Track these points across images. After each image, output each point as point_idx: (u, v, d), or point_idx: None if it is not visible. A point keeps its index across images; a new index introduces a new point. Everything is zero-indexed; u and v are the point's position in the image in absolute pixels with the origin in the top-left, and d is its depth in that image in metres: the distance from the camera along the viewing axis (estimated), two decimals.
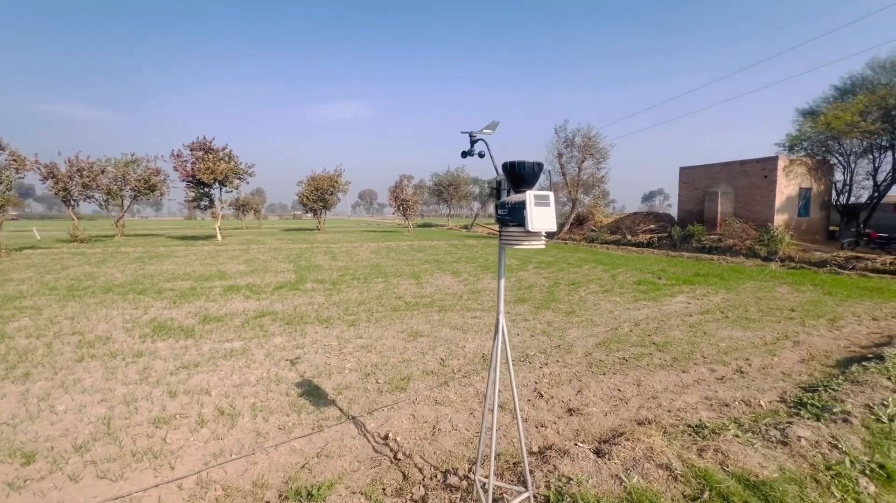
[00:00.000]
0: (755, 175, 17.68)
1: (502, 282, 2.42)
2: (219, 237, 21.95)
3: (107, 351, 4.80)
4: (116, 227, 23.73)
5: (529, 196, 2.06)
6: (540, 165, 2.15)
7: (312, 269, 10.67)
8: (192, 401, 3.78)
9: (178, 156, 20.51)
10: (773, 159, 17.19)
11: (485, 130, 2.49)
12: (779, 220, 16.97)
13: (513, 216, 2.13)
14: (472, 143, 2.51)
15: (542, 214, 2.07)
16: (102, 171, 20.63)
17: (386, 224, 64.14)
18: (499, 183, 2.31)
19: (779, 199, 17.08)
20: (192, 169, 20.02)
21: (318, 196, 33.02)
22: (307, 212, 37.21)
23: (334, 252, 15.52)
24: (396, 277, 9.45)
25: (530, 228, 2.05)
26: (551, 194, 2.11)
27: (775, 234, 14.35)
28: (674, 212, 22.74)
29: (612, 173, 51.93)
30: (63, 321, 5.84)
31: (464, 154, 2.51)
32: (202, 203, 21.81)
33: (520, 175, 2.16)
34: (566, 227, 24.47)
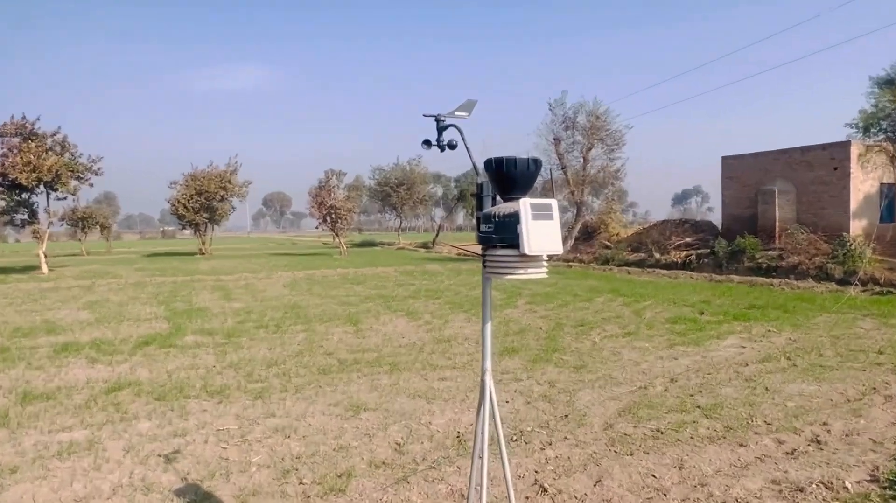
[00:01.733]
0: (821, 166, 18.84)
1: (488, 327, 2.49)
2: (44, 269, 20.89)
3: None
4: None
5: (525, 205, 2.15)
6: (537, 163, 2.25)
7: (195, 315, 10.35)
8: None
9: None
10: (845, 145, 18.24)
11: (457, 113, 2.60)
12: (856, 227, 17.98)
13: (501, 234, 2.21)
14: (440, 129, 2.61)
15: (543, 231, 2.16)
16: None
17: (306, 243, 63.39)
18: (480, 187, 2.40)
19: (854, 200, 18.19)
20: (2, 164, 19.09)
21: (202, 203, 32.29)
22: (185, 227, 36.36)
23: (228, 287, 15.17)
24: (324, 323, 9.35)
25: (527, 251, 2.13)
26: (554, 202, 2.22)
27: (853, 247, 15.04)
28: (716, 218, 23.96)
29: (631, 166, 54.27)
30: None
31: (427, 143, 2.60)
32: (17, 216, 20.74)
33: (510, 177, 2.25)
34: (569, 243, 25.21)
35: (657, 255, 19.83)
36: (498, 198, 2.38)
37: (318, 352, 7.34)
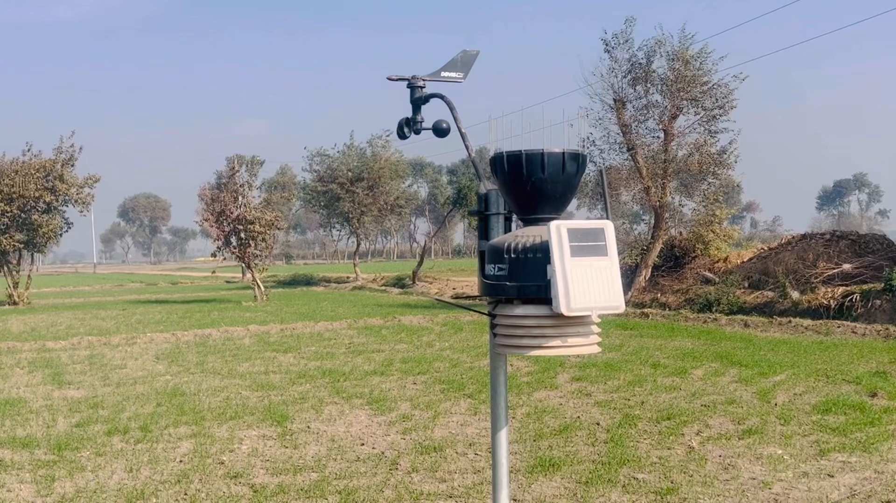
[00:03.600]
0: None
1: (504, 432, 2.51)
2: None
3: None
4: None
5: (559, 232, 2.19)
6: (579, 160, 2.30)
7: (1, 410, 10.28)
8: None
9: None
10: None
11: (446, 74, 2.66)
12: None
13: (520, 280, 2.24)
14: (418, 101, 2.66)
15: (591, 275, 2.20)
16: None
17: (196, 280, 63.11)
18: (484, 201, 2.45)
19: None
20: None
21: (13, 216, 32.15)
22: None
23: (59, 362, 15.08)
24: (227, 422, 9.30)
25: (564, 309, 2.17)
26: (609, 227, 2.26)
27: None
28: (891, 228, 24.12)
29: (747, 143, 54.63)
30: None
31: (403, 128, 2.65)
32: None
33: (533, 182, 2.30)
34: (642, 275, 25.30)
35: (794, 295, 19.91)
36: (515, 219, 2.42)
37: (216, 474, 7.27)
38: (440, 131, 2.62)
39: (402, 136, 2.63)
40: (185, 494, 6.73)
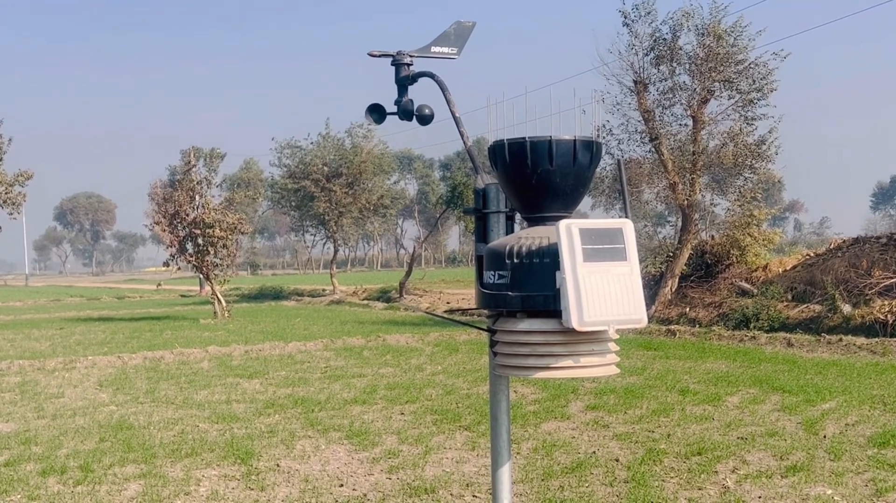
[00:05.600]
0: None
1: (506, 468, 2.50)
2: None
3: None
4: None
5: (569, 233, 2.20)
6: (593, 147, 2.29)
7: None
8: None
9: None
10: None
11: (436, 49, 2.67)
12: None
13: (524, 289, 2.24)
14: (402, 82, 2.66)
15: (607, 283, 2.20)
16: None
17: (145, 293, 62.95)
18: (483, 197, 2.44)
19: None
20: None
21: None
22: None
23: None
24: (182, 459, 9.28)
25: (576, 323, 2.17)
26: (628, 225, 2.26)
27: None
28: None
29: (788, 133, 54.77)
30: None
31: (375, 113, 2.65)
32: None
33: (539, 175, 2.29)
34: (668, 286, 25.28)
35: (845, 309, 19.90)
36: (518, 218, 2.41)
37: None
38: (424, 117, 2.62)
39: (377, 118, 2.64)
40: None
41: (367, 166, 45.71)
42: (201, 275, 32.71)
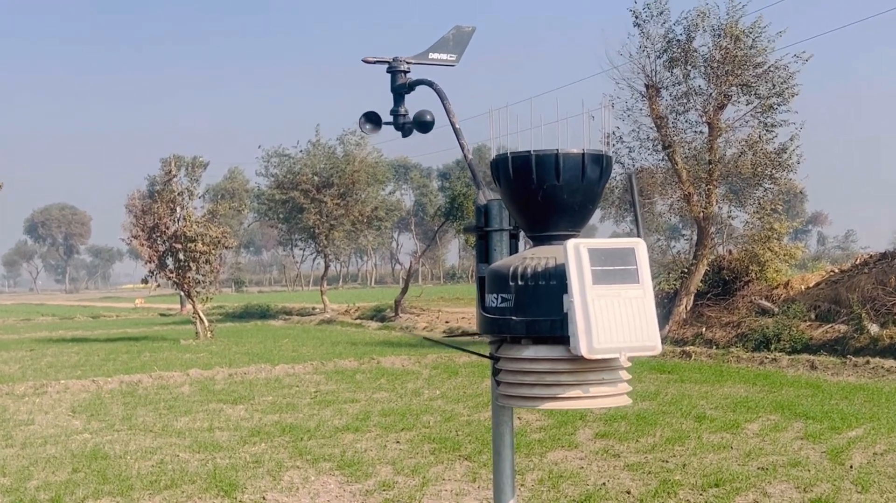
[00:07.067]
0: None
1: None
2: None
3: None
4: None
5: (577, 253, 2.19)
6: (603, 161, 2.29)
7: None
8: None
9: None
10: None
11: (434, 55, 2.67)
12: None
13: (529, 313, 2.23)
14: (399, 90, 2.66)
15: (618, 308, 2.20)
16: None
17: (122, 312, 62.89)
18: (484, 213, 2.44)
19: None
20: None
21: None
22: None
23: None
24: (161, 491, 9.27)
25: (584, 351, 2.16)
26: (641, 246, 2.25)
27: None
28: None
29: (810, 140, 54.92)
30: None
31: (370, 122, 2.65)
32: None
33: (546, 191, 2.29)
34: (683, 304, 25.25)
35: (873, 329, 19.88)
36: (522, 237, 2.41)
37: None
38: (424, 125, 2.62)
39: (373, 127, 2.64)
40: None
41: (361, 176, 45.70)
42: (182, 293, 32.69)
